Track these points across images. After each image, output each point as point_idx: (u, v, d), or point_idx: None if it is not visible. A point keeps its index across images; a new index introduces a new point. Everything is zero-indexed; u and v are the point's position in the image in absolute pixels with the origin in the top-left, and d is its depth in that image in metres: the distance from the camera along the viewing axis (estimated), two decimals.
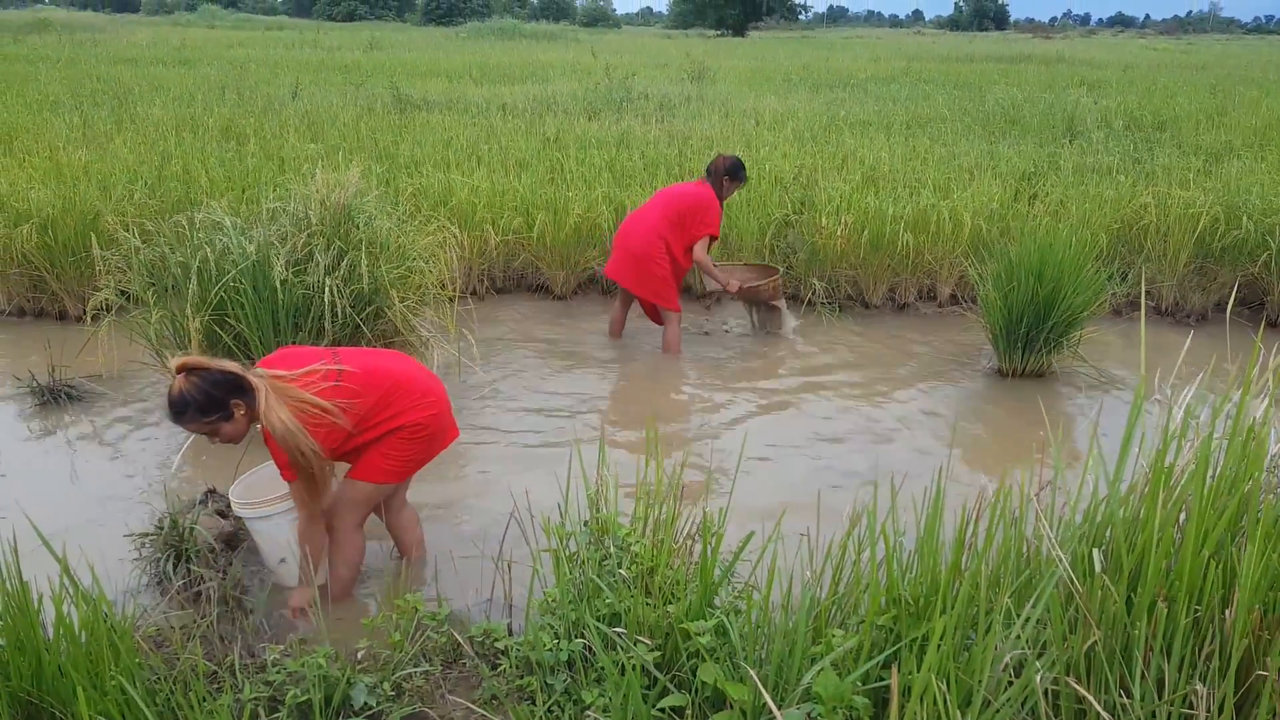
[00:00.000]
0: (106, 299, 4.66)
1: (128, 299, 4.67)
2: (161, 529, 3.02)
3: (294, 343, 4.26)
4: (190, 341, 4.14)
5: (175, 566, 2.95)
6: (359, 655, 2.53)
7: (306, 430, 2.65)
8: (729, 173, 5.42)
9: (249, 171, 7.05)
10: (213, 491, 3.36)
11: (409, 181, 6.95)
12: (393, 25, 51.35)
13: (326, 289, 4.23)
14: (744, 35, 50.38)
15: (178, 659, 2.39)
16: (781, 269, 6.01)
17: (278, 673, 2.37)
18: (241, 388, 2.66)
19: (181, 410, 2.65)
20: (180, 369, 2.64)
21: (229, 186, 6.62)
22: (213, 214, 4.58)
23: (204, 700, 2.16)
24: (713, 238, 5.38)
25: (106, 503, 3.77)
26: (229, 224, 4.40)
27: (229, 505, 3.18)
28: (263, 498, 3.03)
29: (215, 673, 2.44)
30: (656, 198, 5.49)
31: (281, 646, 2.54)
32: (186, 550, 2.96)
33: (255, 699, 2.29)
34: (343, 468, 3.05)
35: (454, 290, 5.17)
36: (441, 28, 47.22)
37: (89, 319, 4.80)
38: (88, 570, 2.36)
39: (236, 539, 3.21)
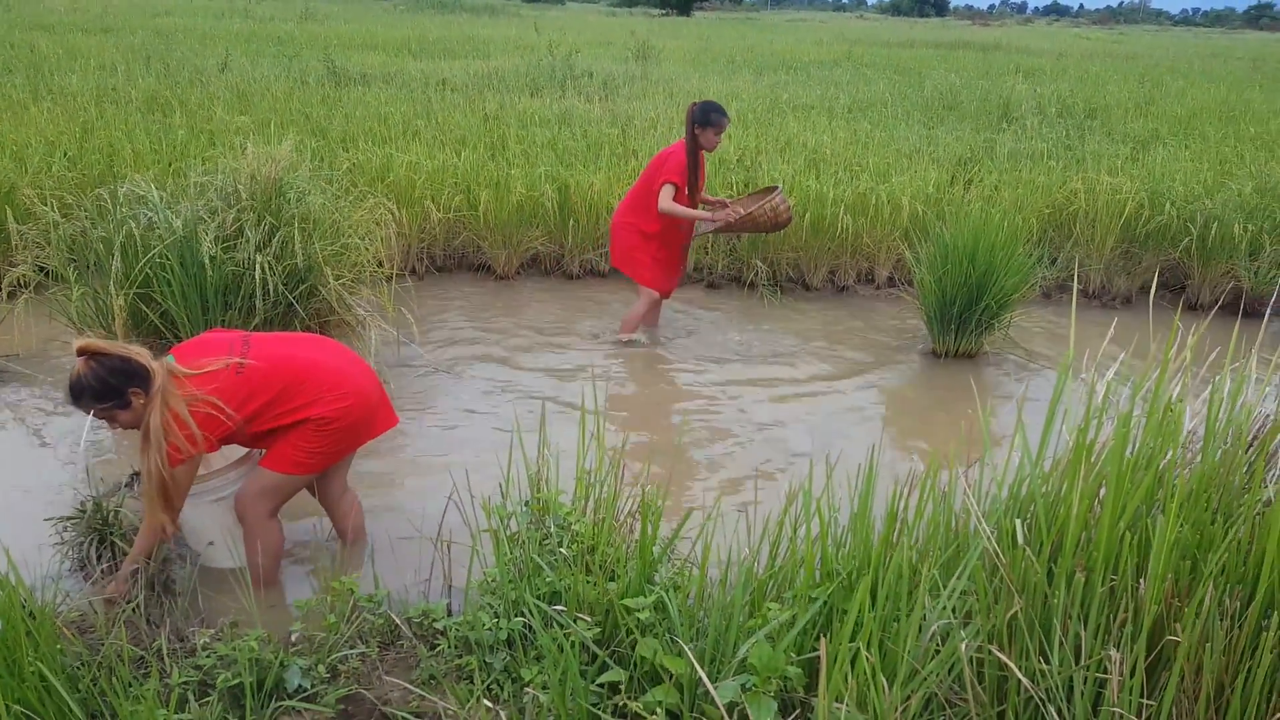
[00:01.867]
0: (23, 275, 4.49)
1: (47, 275, 4.51)
2: (84, 512, 2.93)
3: (223, 322, 4.16)
4: (114, 320, 4.02)
5: (99, 550, 2.87)
6: (293, 638, 2.49)
7: (168, 435, 2.59)
8: (699, 121, 4.98)
9: (176, 144, 6.83)
10: (138, 474, 3.27)
11: (345, 156, 6.81)
12: None
13: (257, 266, 4.13)
14: (688, 15, 50.27)
15: (102, 644, 2.33)
16: (780, 184, 5.56)
17: (208, 656, 2.32)
18: (141, 376, 2.58)
19: (78, 395, 2.58)
20: (80, 352, 2.56)
21: (155, 160, 6.41)
22: (137, 187, 4.43)
23: (129, 686, 2.11)
24: (677, 185, 4.98)
25: (25, 486, 3.64)
26: (155, 198, 4.27)
27: None
28: None
29: (142, 657, 2.38)
30: None
31: (212, 630, 2.50)
32: (111, 534, 2.88)
33: (184, 683, 2.25)
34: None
35: (392, 268, 5.09)
36: (379, 0, 46.13)
37: (5, 296, 4.63)
38: (3, 555, 2.28)
39: None
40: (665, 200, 4.99)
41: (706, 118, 4.98)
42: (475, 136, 7.97)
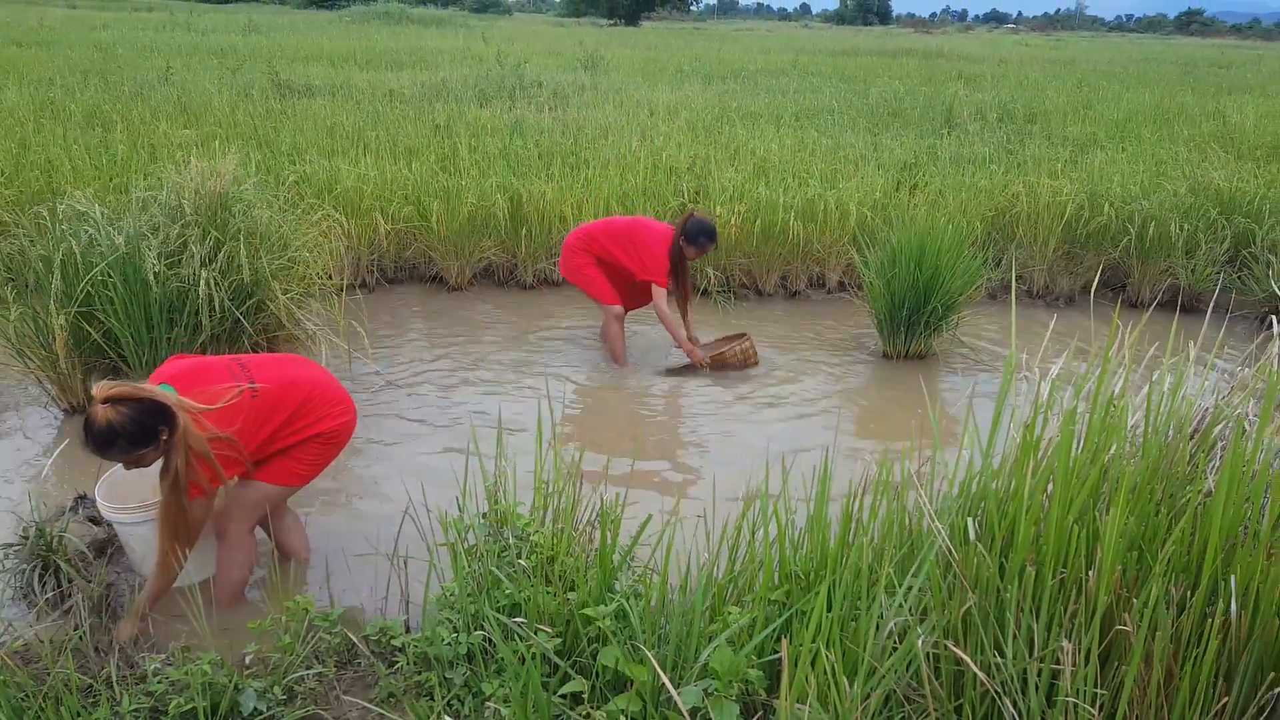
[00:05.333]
0: None
1: None
2: (27, 539, 2.85)
3: (169, 339, 4.08)
4: (54, 340, 3.91)
5: (43, 578, 2.79)
6: (247, 660, 2.45)
7: (191, 474, 2.56)
8: (688, 236, 4.94)
9: (117, 159, 6.69)
10: (82, 498, 3.19)
11: (291, 169, 6.72)
12: (272, 7, 49.34)
13: (202, 282, 4.06)
14: (637, 25, 50.48)
15: (48, 674, 2.27)
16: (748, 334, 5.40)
17: (159, 682, 2.27)
18: (169, 414, 2.52)
19: (110, 442, 2.45)
20: (106, 399, 2.45)
21: (95, 175, 6.27)
22: (77, 204, 4.33)
23: (78, 715, 2.06)
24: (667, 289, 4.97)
25: None
26: (96, 214, 4.17)
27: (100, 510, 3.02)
28: (131, 501, 2.89)
29: (91, 686, 2.32)
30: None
31: (163, 655, 2.44)
32: (55, 560, 2.80)
33: (135, 710, 2.19)
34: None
35: (342, 281, 5.03)
36: (324, 11, 45.68)
37: None
38: None
39: (109, 546, 3.06)
40: (661, 303, 4.98)
41: (695, 238, 4.96)
42: (425, 147, 7.91)
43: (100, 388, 2.47)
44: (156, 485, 2.99)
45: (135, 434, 2.46)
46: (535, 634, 2.17)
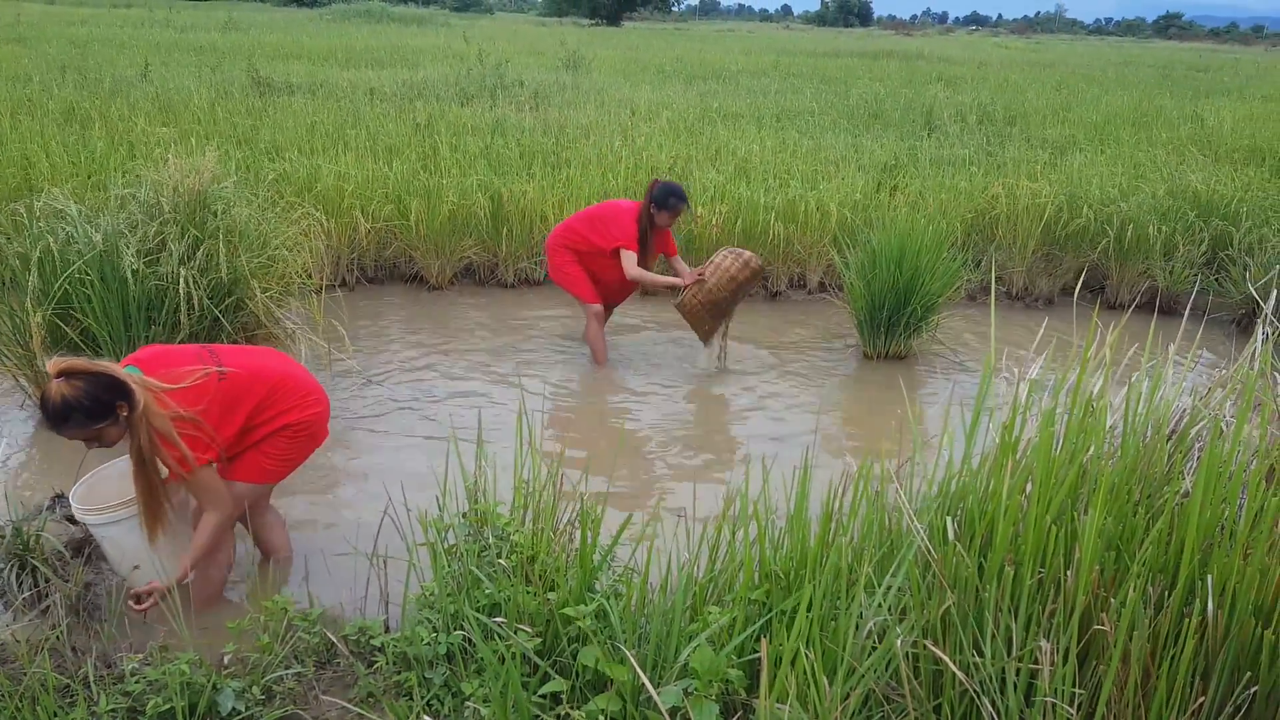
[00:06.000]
0: None
1: None
2: (3, 537, 2.82)
3: (147, 337, 4.04)
4: (32, 338, 3.87)
5: (19, 577, 2.76)
6: (225, 660, 2.43)
7: (159, 455, 2.54)
8: (657, 200, 4.89)
9: (95, 156, 6.62)
10: (60, 496, 3.16)
11: (271, 167, 6.67)
12: (252, 5, 48.92)
13: (181, 280, 4.02)
14: (618, 25, 50.46)
15: (24, 674, 2.24)
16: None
17: (137, 682, 2.25)
18: (126, 389, 2.49)
19: (65, 417, 2.44)
20: (60, 373, 2.44)
21: (73, 172, 6.21)
22: (55, 201, 4.28)
23: (54, 715, 2.04)
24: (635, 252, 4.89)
25: None
26: (73, 212, 4.13)
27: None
28: (108, 501, 2.85)
29: (68, 686, 2.30)
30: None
31: (141, 654, 2.42)
32: (31, 559, 2.77)
33: (113, 710, 2.17)
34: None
35: (321, 280, 5.00)
36: (304, 9, 45.38)
37: None
38: None
39: (87, 546, 3.03)
40: (630, 266, 4.88)
41: (665, 200, 4.90)
42: (406, 146, 7.88)
43: (54, 362, 2.46)
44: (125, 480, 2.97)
45: (91, 408, 2.44)
46: (515, 634, 2.16)
